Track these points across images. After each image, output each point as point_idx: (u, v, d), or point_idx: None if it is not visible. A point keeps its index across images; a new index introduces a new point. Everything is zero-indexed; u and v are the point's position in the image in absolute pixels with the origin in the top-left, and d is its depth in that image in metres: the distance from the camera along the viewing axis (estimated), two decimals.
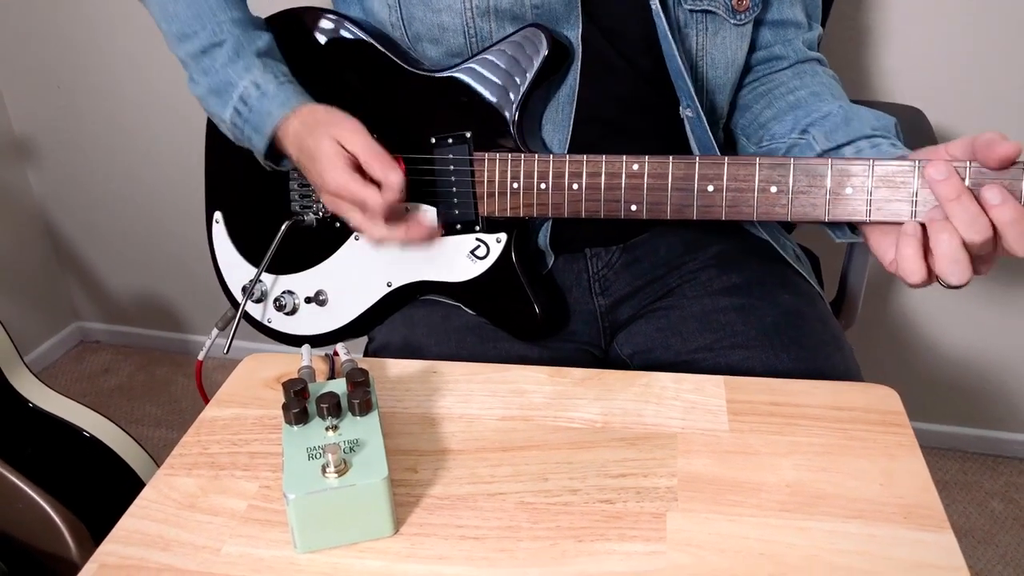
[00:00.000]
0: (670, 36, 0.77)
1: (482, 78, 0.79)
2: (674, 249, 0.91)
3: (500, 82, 0.78)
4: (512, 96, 0.78)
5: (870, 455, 0.62)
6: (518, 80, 0.77)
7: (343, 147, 0.77)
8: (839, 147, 0.76)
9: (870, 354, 1.56)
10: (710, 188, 0.71)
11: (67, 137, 1.86)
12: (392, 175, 0.75)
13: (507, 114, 0.78)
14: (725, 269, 0.89)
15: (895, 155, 0.71)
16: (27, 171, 1.93)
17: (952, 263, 0.62)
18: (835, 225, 0.76)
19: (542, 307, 0.82)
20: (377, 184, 0.76)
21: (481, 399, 0.70)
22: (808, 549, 0.54)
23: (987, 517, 1.52)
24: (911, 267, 0.64)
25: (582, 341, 0.90)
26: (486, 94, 0.79)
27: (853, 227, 0.75)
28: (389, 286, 0.86)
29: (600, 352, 0.92)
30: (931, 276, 0.64)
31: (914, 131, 1.04)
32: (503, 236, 0.81)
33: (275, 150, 0.83)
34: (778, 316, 0.84)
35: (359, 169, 0.77)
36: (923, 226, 0.64)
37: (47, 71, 1.79)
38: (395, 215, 0.78)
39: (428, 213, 0.83)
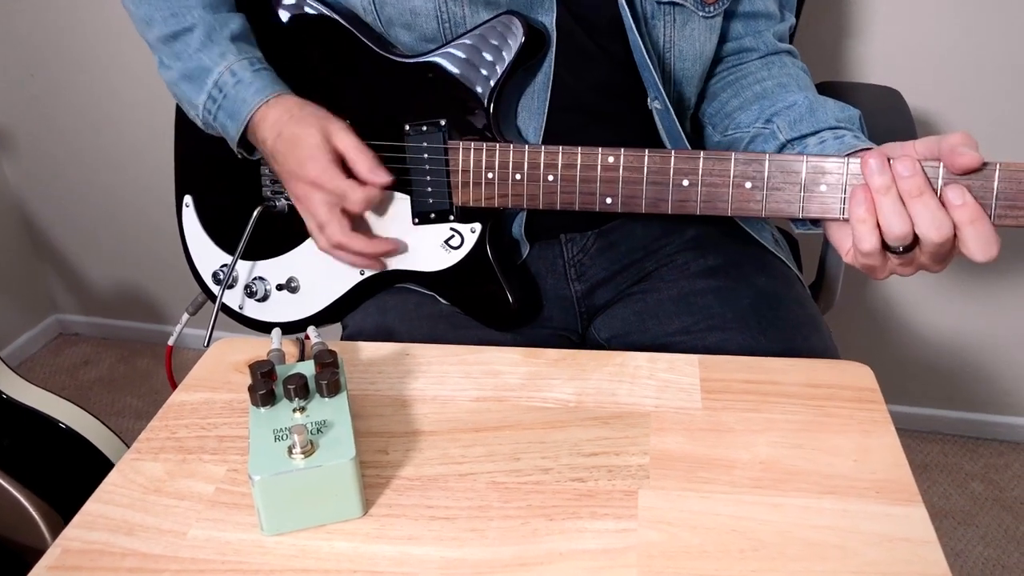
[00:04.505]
0: (635, 28, 0.77)
1: (457, 64, 0.78)
2: (651, 232, 0.91)
3: (475, 69, 0.77)
4: (487, 84, 0.77)
5: (845, 431, 0.61)
6: (494, 68, 0.76)
7: (330, 140, 0.77)
8: (802, 137, 0.76)
9: (850, 338, 1.56)
10: (685, 183, 0.71)
11: (41, 126, 1.83)
12: (379, 174, 0.76)
13: (482, 102, 0.77)
14: (702, 252, 0.89)
15: (859, 148, 0.70)
16: (1, 161, 1.91)
17: (892, 215, 0.61)
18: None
19: (516, 298, 0.82)
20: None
21: (455, 381, 0.70)
22: (781, 525, 0.54)
23: (967, 498, 1.53)
24: (860, 233, 0.63)
25: (558, 327, 0.89)
26: (461, 81, 0.78)
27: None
28: (362, 274, 0.86)
29: (577, 337, 0.91)
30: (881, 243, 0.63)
31: (892, 113, 1.03)
32: (477, 226, 0.80)
33: (246, 138, 0.82)
34: (755, 298, 0.83)
35: (341, 168, 0.77)
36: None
37: (19, 59, 1.77)
38: (357, 226, 0.79)
39: (396, 220, 0.82)
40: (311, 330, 0.71)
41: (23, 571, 1.04)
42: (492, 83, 0.76)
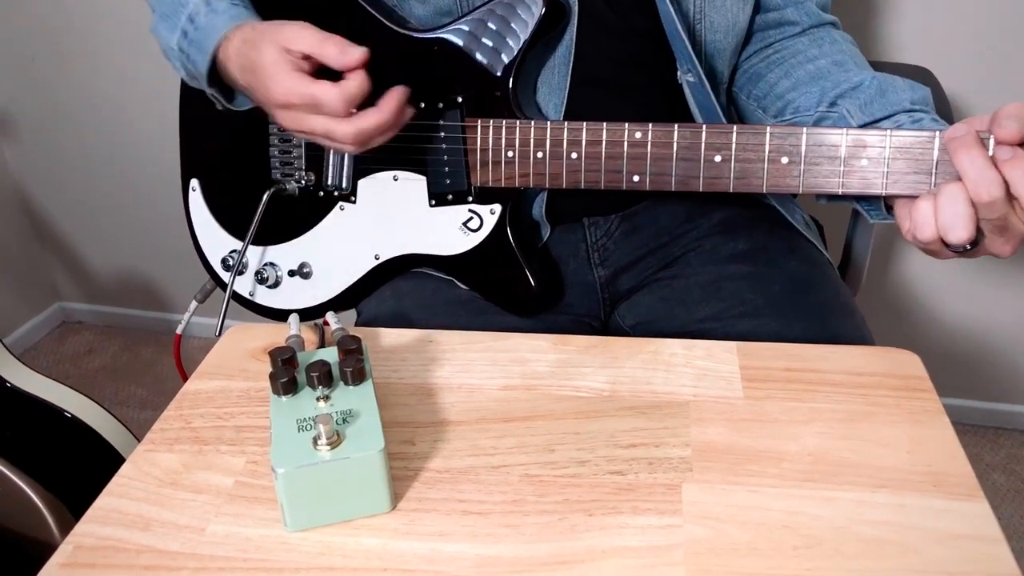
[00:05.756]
0: None
1: (473, 39, 0.74)
2: (677, 216, 0.87)
3: (492, 44, 0.74)
4: (506, 58, 0.73)
5: (895, 422, 0.58)
6: (512, 42, 0.73)
7: (288, 51, 0.68)
8: (876, 121, 0.72)
9: (870, 325, 1.53)
10: (717, 158, 0.68)
11: (43, 111, 1.80)
12: (350, 52, 0.66)
13: (501, 78, 0.74)
14: (731, 236, 0.86)
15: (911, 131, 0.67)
16: (2, 147, 1.88)
17: (954, 216, 0.59)
18: (869, 203, 0.73)
19: (538, 281, 0.79)
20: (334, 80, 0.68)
21: (481, 368, 0.66)
22: (835, 520, 0.51)
23: (988, 489, 1.47)
24: (922, 220, 0.61)
25: (580, 313, 0.86)
26: (478, 56, 0.74)
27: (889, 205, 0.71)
28: (377, 259, 0.82)
29: (599, 324, 0.88)
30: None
31: None
32: (497, 207, 0.77)
33: (219, 77, 0.75)
34: (787, 284, 0.80)
35: (312, 73, 0.69)
36: None
37: (20, 42, 1.73)
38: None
39: (411, 203, 0.78)
40: (330, 315, 0.68)
41: (28, 563, 1.02)
42: (511, 57, 0.73)
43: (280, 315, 0.89)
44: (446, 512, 0.53)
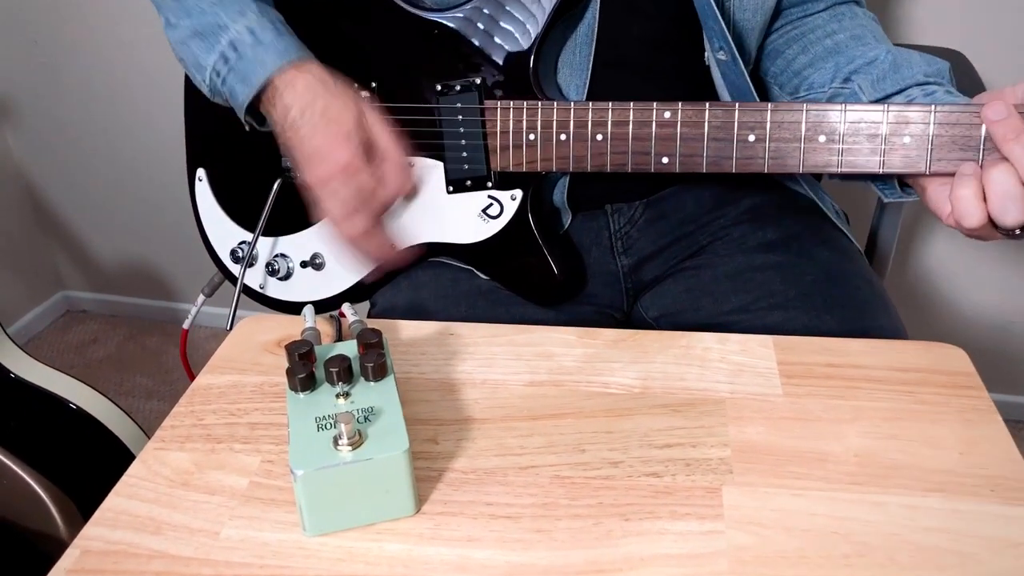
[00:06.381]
0: None
1: (491, 19, 0.71)
2: (703, 204, 0.84)
3: (512, 23, 0.71)
4: (526, 38, 0.70)
5: (944, 421, 0.55)
6: (532, 20, 0.70)
7: (363, 122, 0.70)
8: (888, 96, 0.70)
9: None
10: (751, 138, 0.65)
11: (47, 95, 1.77)
12: (406, 177, 0.71)
13: (521, 58, 0.71)
14: (759, 224, 0.83)
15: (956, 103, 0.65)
16: (5, 132, 1.85)
17: (1006, 199, 0.57)
18: (884, 182, 0.70)
19: (561, 270, 0.76)
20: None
21: (505, 363, 0.64)
22: (886, 526, 0.48)
23: None
24: (967, 208, 0.58)
25: (602, 304, 0.84)
26: (497, 37, 0.71)
27: (903, 183, 0.69)
28: (392, 248, 0.79)
29: (621, 315, 0.85)
30: (988, 221, 0.59)
31: (958, 79, 0.96)
32: (518, 193, 0.74)
33: (255, 105, 0.73)
34: (819, 274, 0.78)
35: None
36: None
37: (22, 25, 1.70)
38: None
39: (428, 189, 0.76)
40: (346, 307, 0.65)
41: (33, 556, 1.00)
42: (531, 37, 0.70)
43: (292, 308, 0.87)
44: (473, 516, 0.50)
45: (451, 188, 0.76)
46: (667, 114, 0.66)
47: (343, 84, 0.71)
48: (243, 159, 0.85)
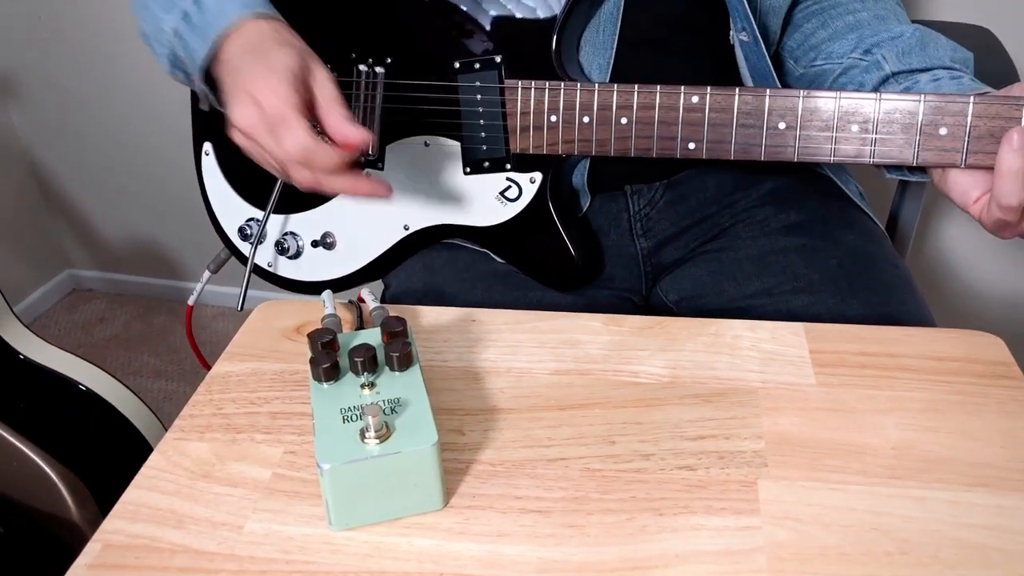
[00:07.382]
0: None
1: None
2: (724, 185, 0.83)
3: None
4: (549, 14, 0.68)
5: (983, 412, 0.54)
6: None
7: (306, 75, 0.60)
8: (913, 72, 0.68)
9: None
10: (781, 125, 0.63)
11: (52, 73, 1.75)
12: (354, 131, 0.59)
13: (544, 35, 0.68)
14: (783, 206, 0.81)
15: (981, 92, 0.62)
16: (10, 111, 1.82)
17: None
18: None
19: (580, 255, 0.74)
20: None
21: (529, 350, 0.62)
22: (928, 522, 0.47)
23: None
24: (1009, 187, 0.55)
25: (620, 287, 0.82)
26: (518, 12, 0.69)
27: None
28: (406, 229, 0.78)
29: (640, 299, 0.84)
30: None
31: (985, 54, 0.94)
32: (537, 175, 0.72)
33: (212, 73, 0.65)
34: (844, 257, 0.76)
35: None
36: None
37: (26, 1, 1.67)
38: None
39: (445, 170, 0.72)
40: (365, 292, 0.64)
41: (44, 538, 1.00)
42: (555, 13, 0.68)
43: (301, 287, 0.85)
44: (502, 510, 0.49)
45: (468, 169, 0.74)
46: (695, 98, 0.64)
47: (301, 41, 0.63)
48: None
